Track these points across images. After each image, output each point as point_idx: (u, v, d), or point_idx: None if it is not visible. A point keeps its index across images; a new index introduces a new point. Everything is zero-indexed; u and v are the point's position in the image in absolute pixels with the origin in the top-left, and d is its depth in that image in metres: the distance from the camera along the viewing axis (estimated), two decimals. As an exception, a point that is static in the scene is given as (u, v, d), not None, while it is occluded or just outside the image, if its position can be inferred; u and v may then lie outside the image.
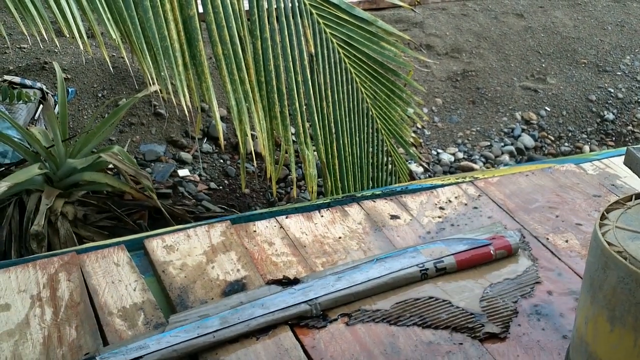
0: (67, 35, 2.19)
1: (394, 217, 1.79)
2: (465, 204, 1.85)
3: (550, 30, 5.20)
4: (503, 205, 1.85)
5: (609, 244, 1.08)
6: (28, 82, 3.42)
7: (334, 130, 2.65)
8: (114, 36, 2.16)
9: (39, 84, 3.47)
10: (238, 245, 1.65)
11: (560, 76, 4.79)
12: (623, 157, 1.50)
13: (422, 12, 5.29)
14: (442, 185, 1.94)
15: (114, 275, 1.55)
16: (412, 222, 1.77)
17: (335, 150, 2.67)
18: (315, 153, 2.67)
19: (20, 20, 2.10)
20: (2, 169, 2.89)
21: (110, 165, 2.95)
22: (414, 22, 5.15)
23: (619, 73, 4.86)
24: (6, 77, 3.46)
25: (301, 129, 2.56)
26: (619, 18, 5.46)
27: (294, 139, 2.59)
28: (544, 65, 4.88)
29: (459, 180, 1.96)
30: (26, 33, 2.39)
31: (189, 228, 1.71)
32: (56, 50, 4.16)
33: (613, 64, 4.94)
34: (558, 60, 4.94)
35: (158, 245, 1.65)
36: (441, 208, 1.83)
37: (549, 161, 2.27)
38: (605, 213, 1.15)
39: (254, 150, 2.74)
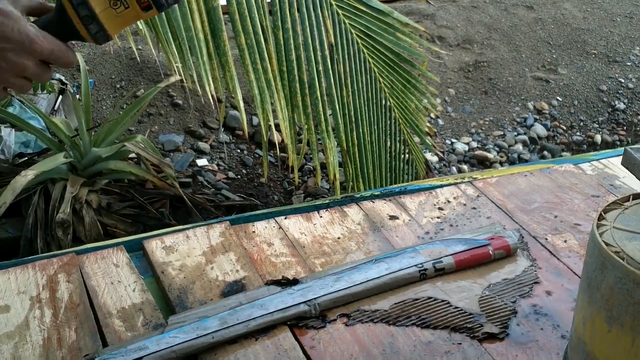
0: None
1: (392, 217, 1.77)
2: (464, 205, 1.83)
3: (560, 22, 5.21)
4: (502, 205, 1.82)
5: (606, 244, 1.05)
6: None
7: (353, 119, 2.66)
8: (140, 26, 2.17)
9: (57, 75, 3.47)
10: (237, 245, 1.63)
11: (571, 67, 4.79)
12: (621, 157, 1.48)
13: (433, 4, 5.28)
14: (441, 186, 1.91)
15: (113, 276, 1.52)
16: (410, 223, 1.75)
17: (355, 138, 2.67)
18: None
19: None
20: (25, 158, 2.90)
21: (132, 155, 2.95)
22: (425, 14, 5.15)
23: (629, 63, 4.87)
24: None
25: (322, 117, 2.57)
26: (628, 9, 5.47)
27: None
28: (554, 56, 4.88)
29: (457, 181, 1.94)
30: None
31: (188, 229, 1.68)
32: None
33: (623, 54, 4.95)
34: (568, 51, 4.95)
35: (157, 246, 1.62)
36: (440, 208, 1.81)
37: (547, 161, 2.25)
38: (602, 213, 1.13)
39: (270, 140, 2.76)
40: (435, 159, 3.95)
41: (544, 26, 5.14)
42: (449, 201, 1.84)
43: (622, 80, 4.71)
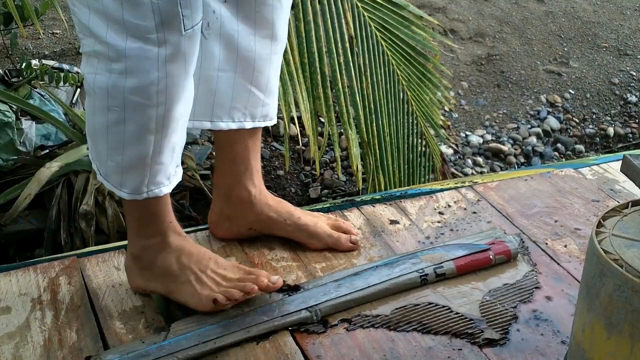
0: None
1: (393, 222, 1.77)
2: (465, 209, 1.84)
3: (570, 15, 5.23)
4: (502, 210, 1.83)
5: (605, 251, 1.06)
6: (65, 66, 3.43)
7: (373, 111, 2.69)
8: None
9: (75, 68, 3.48)
10: (239, 250, 1.64)
11: (582, 60, 4.80)
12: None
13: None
14: (442, 190, 1.92)
15: (114, 279, 1.53)
16: (411, 227, 1.76)
17: (375, 130, 2.70)
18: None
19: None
20: (47, 150, 2.92)
21: None
22: (436, 7, 5.17)
23: None
24: (44, 61, 3.47)
25: (344, 109, 2.60)
26: (637, 3, 5.49)
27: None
28: (566, 49, 4.90)
29: (458, 185, 1.95)
30: (62, 18, 2.40)
31: (189, 232, 1.68)
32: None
33: (634, 47, 4.97)
34: (579, 44, 4.96)
35: (159, 249, 1.63)
36: (440, 213, 1.82)
37: (547, 166, 2.26)
38: (601, 220, 1.14)
39: (289, 133, 2.79)
40: (450, 151, 3.96)
41: (554, 19, 5.16)
42: (449, 205, 1.85)
43: (634, 73, 4.72)
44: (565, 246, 1.70)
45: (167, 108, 1.28)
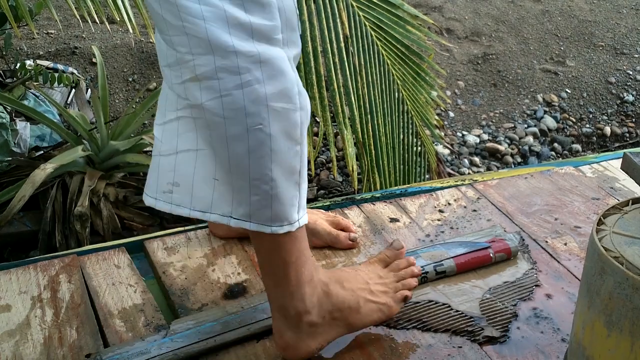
0: (117, 20, 2.24)
1: (393, 220, 1.79)
2: (465, 207, 1.85)
3: (567, 14, 5.26)
4: (502, 208, 1.85)
5: (605, 249, 1.08)
6: (60, 66, 3.45)
7: (368, 111, 2.70)
8: None
9: (70, 69, 3.50)
10: (239, 249, 1.65)
11: (579, 59, 4.84)
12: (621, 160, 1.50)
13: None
14: (442, 188, 1.94)
15: (114, 277, 1.55)
16: (411, 225, 1.78)
17: (370, 130, 2.72)
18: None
19: (73, 6, 2.16)
20: (41, 152, 2.93)
21: (148, 148, 2.97)
22: (432, 7, 5.20)
23: (637, 55, 4.93)
24: (39, 61, 3.49)
25: (340, 109, 2.61)
26: (634, 2, 5.53)
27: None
28: (562, 48, 4.93)
29: (458, 183, 1.97)
30: (57, 18, 2.41)
31: (189, 230, 1.70)
32: (84, 35, 4.20)
33: (630, 46, 5.00)
34: (576, 43, 5.00)
35: (158, 246, 1.65)
36: (440, 211, 1.84)
37: (547, 164, 2.27)
38: (602, 218, 1.15)
39: None
40: (447, 151, 3.98)
41: (551, 18, 5.19)
42: (449, 203, 1.86)
43: (630, 73, 4.75)
44: (566, 244, 1.72)
45: (304, 112, 1.17)
